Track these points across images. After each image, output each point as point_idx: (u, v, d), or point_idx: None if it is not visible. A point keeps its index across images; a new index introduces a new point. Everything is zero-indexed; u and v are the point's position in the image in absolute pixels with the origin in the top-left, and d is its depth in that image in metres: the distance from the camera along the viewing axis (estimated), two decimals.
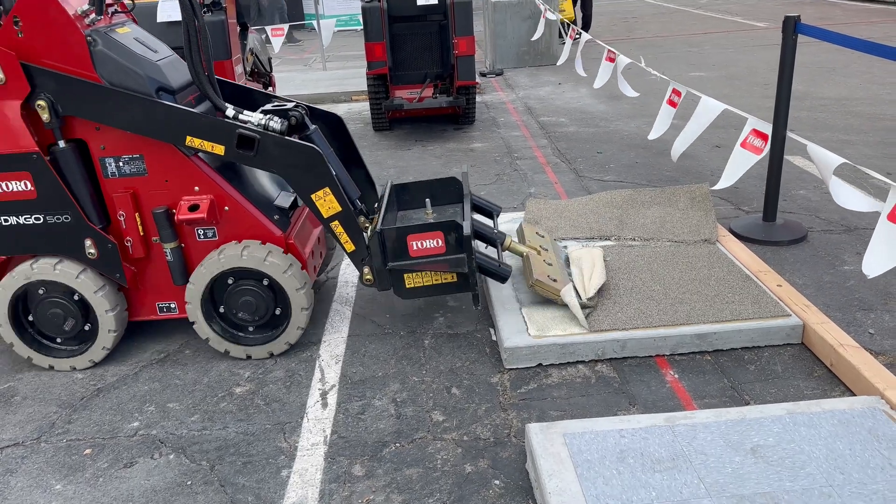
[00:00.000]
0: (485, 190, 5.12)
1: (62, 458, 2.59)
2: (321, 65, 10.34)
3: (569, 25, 8.58)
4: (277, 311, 3.08)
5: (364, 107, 8.12)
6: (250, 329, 3.14)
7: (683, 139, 4.60)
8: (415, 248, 2.94)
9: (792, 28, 3.68)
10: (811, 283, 3.48)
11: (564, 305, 3.07)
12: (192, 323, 3.09)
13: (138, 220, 2.99)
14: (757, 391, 2.71)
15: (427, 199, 3.38)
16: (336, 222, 2.96)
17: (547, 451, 2.26)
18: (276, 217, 3.12)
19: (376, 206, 3.33)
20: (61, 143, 2.87)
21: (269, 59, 6.72)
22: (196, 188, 2.97)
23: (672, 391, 2.75)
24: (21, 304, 3.08)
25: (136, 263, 3.09)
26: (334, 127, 3.47)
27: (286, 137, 2.88)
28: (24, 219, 2.93)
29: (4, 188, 2.89)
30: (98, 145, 2.92)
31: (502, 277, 3.09)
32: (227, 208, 3.00)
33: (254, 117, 2.95)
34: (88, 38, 2.78)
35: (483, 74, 9.33)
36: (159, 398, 2.90)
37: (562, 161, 5.64)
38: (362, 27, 6.31)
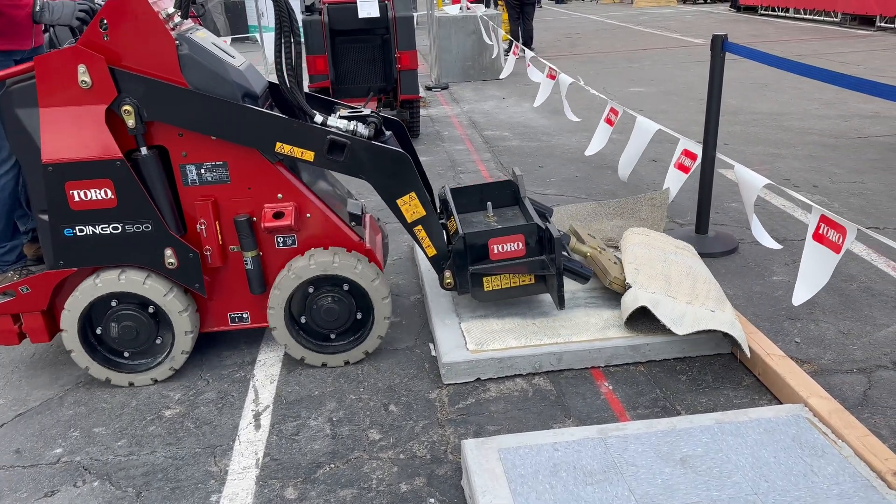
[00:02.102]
0: None
1: None
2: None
3: (511, 42, 8.70)
4: (359, 316, 3.07)
5: None
6: (332, 337, 3.10)
7: (628, 158, 4.70)
8: (496, 251, 3.04)
9: (720, 46, 3.81)
10: (741, 293, 3.59)
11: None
12: (273, 329, 3.02)
13: (218, 228, 2.92)
14: (688, 401, 2.77)
15: (488, 203, 3.42)
16: (419, 227, 3.02)
17: (482, 468, 2.25)
18: (353, 224, 3.11)
19: (439, 210, 3.45)
20: (144, 150, 2.77)
21: None
22: (279, 195, 2.91)
23: (606, 402, 2.78)
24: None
25: (213, 273, 3.01)
26: (398, 133, 3.45)
27: (375, 143, 2.90)
28: (103, 228, 2.81)
29: (82, 196, 2.76)
30: (179, 152, 2.83)
31: (585, 277, 3.17)
32: (308, 215, 2.96)
33: (341, 123, 2.95)
34: (177, 41, 2.71)
35: (428, 88, 9.37)
36: (84, 423, 2.79)
37: (504, 175, 5.69)
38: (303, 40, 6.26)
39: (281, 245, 3.01)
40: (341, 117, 3.03)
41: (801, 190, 4.95)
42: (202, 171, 2.87)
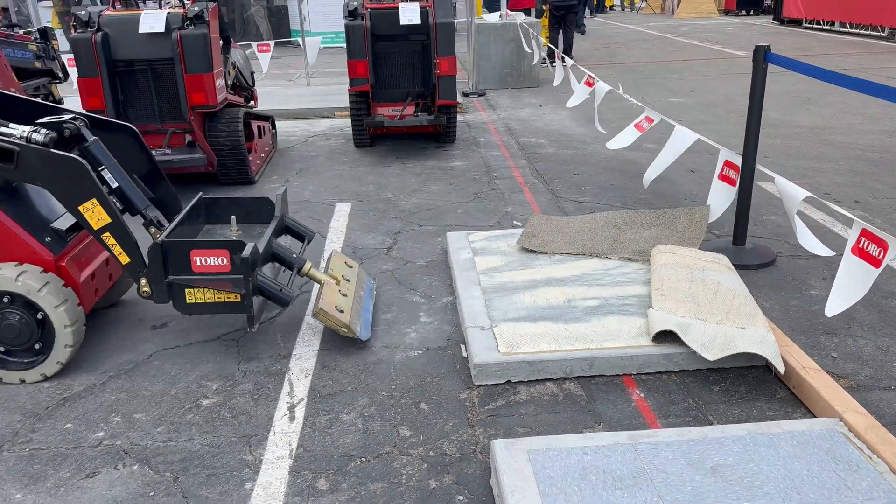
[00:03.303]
0: (462, 208, 5.16)
1: (24, 467, 2.56)
2: (305, 81, 10.38)
3: (553, 51, 8.72)
4: (37, 346, 3.02)
5: (346, 123, 8.15)
6: (23, 353, 3.06)
7: (656, 166, 4.68)
8: (198, 263, 2.97)
9: (762, 57, 3.78)
10: (778, 306, 3.55)
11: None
12: None
13: None
14: (720, 411, 2.75)
15: (233, 217, 3.39)
16: (107, 234, 2.95)
17: (511, 468, 2.27)
18: (47, 239, 3.11)
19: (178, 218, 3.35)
20: None
21: (252, 74, 6.75)
22: None
23: (637, 410, 2.78)
24: None
25: None
26: (130, 140, 3.45)
27: (49, 149, 2.87)
28: None
29: None
30: None
31: (283, 302, 3.14)
32: None
33: (17, 129, 2.93)
34: None
35: (466, 94, 9.42)
36: (126, 408, 2.88)
37: (539, 181, 5.70)
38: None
39: None
40: (34, 124, 3.01)
41: (842, 204, 4.87)
42: None
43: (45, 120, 3.07)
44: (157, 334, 3.47)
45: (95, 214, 2.90)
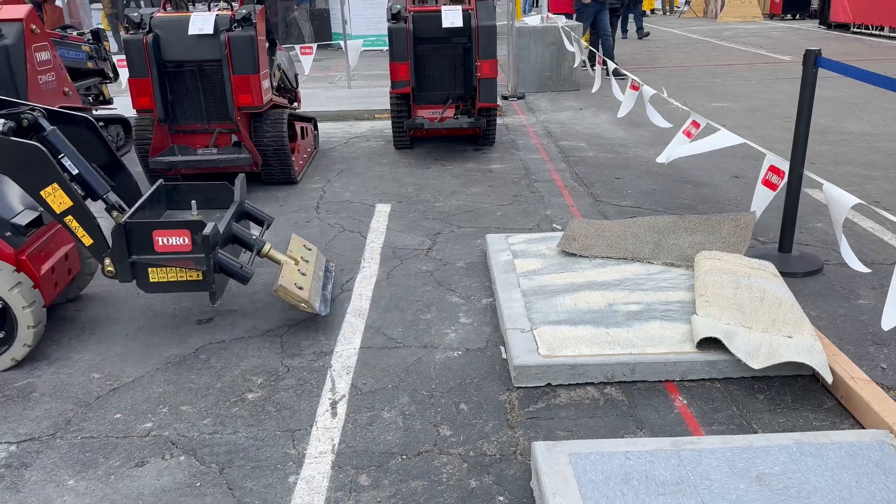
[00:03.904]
0: (501, 210, 5.16)
1: (76, 454, 2.64)
2: (346, 83, 10.49)
3: (594, 54, 8.67)
4: (2, 334, 3.13)
5: (386, 125, 8.22)
6: None
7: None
8: (160, 243, 3.09)
9: (812, 62, 3.71)
10: (825, 315, 3.48)
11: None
12: None
13: None
14: (765, 420, 2.71)
15: (193, 202, 3.46)
16: (69, 217, 3.05)
17: (552, 470, 2.27)
18: (7, 234, 3.21)
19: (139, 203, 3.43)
20: None
21: (296, 76, 6.85)
22: None
23: (680, 416, 2.75)
24: None
25: None
26: (88, 132, 3.49)
27: (7, 137, 2.97)
28: None
29: None
30: None
31: (244, 279, 3.26)
32: None
33: None
34: None
35: (505, 97, 9.42)
36: (173, 401, 2.96)
37: (579, 185, 5.68)
38: (386, 47, 6.43)
39: None
40: None
41: (893, 212, 4.74)
42: None
43: (2, 111, 3.18)
44: (203, 329, 3.55)
45: (57, 199, 3.01)
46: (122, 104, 7.34)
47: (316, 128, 7.04)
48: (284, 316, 3.65)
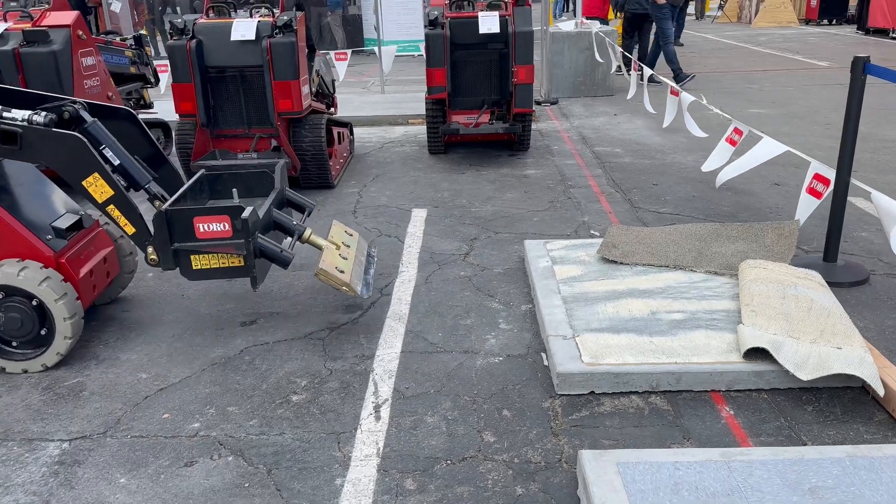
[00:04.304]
0: (537, 216, 5.15)
1: (126, 453, 2.69)
2: (379, 88, 10.56)
3: (630, 60, 8.62)
4: (43, 332, 3.18)
5: (420, 130, 8.26)
6: (14, 344, 3.23)
7: (733, 169, 4.56)
8: (201, 230, 3.10)
9: (861, 69, 3.65)
10: (873, 326, 3.41)
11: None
12: None
13: None
14: (815, 432, 2.67)
15: (234, 190, 3.51)
16: (112, 206, 3.10)
17: (600, 479, 2.26)
18: (48, 237, 3.26)
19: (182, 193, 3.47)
20: None
21: (333, 81, 6.92)
22: None
23: (727, 427, 2.72)
24: None
25: None
26: (131, 125, 3.56)
27: (48, 128, 3.01)
28: None
29: None
30: None
31: (284, 263, 3.27)
32: None
33: (19, 114, 3.07)
34: None
35: (538, 103, 9.40)
36: (219, 401, 3.00)
37: (616, 191, 5.64)
38: (419, 52, 6.45)
39: None
40: (38, 107, 3.14)
41: None
42: None
43: (47, 106, 3.26)
44: (247, 330, 3.59)
45: (99, 188, 3.06)
46: (162, 108, 7.48)
47: (352, 133, 7.10)
48: (326, 319, 3.69)
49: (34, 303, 3.14)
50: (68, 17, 5.59)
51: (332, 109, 6.83)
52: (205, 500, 2.43)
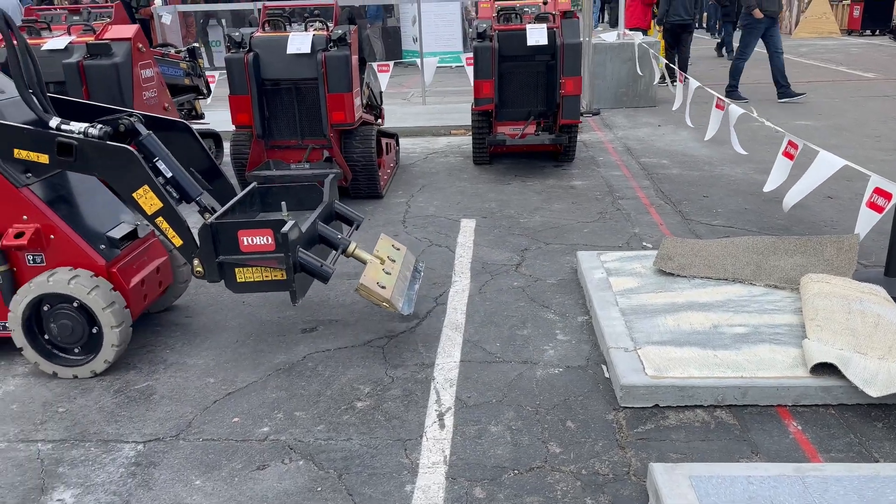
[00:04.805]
0: (587, 227, 5.16)
1: (199, 455, 2.76)
2: (420, 99, 10.66)
3: (674, 70, 8.58)
4: (94, 331, 3.24)
5: (463, 140, 8.33)
6: (76, 351, 3.30)
7: (798, 191, 4.52)
8: (245, 243, 3.12)
9: None
10: None
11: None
12: (21, 348, 3.29)
13: None
14: (886, 449, 2.63)
15: (283, 203, 3.52)
16: (160, 218, 3.13)
17: (673, 492, 2.26)
18: (101, 246, 3.31)
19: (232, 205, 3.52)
20: None
21: (380, 93, 7.01)
22: (24, 217, 3.22)
23: (796, 442, 2.69)
24: None
25: None
26: (188, 137, 3.63)
27: (100, 141, 3.07)
28: None
29: None
30: None
31: (324, 277, 3.25)
32: (52, 237, 3.23)
33: (76, 126, 3.14)
34: None
35: (580, 113, 9.40)
36: (286, 406, 3.06)
37: (666, 203, 5.62)
38: (457, 64, 6.50)
39: (31, 263, 3.28)
40: (95, 120, 3.19)
41: None
42: None
43: (103, 118, 3.34)
44: (308, 337, 3.66)
45: (148, 200, 3.10)
46: (212, 119, 7.65)
47: (397, 143, 7.18)
48: (384, 327, 3.74)
49: (84, 310, 3.21)
50: (129, 30, 5.76)
51: (380, 120, 6.92)
52: (279, 503, 2.48)
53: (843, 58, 15.08)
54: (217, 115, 7.91)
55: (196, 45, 8.24)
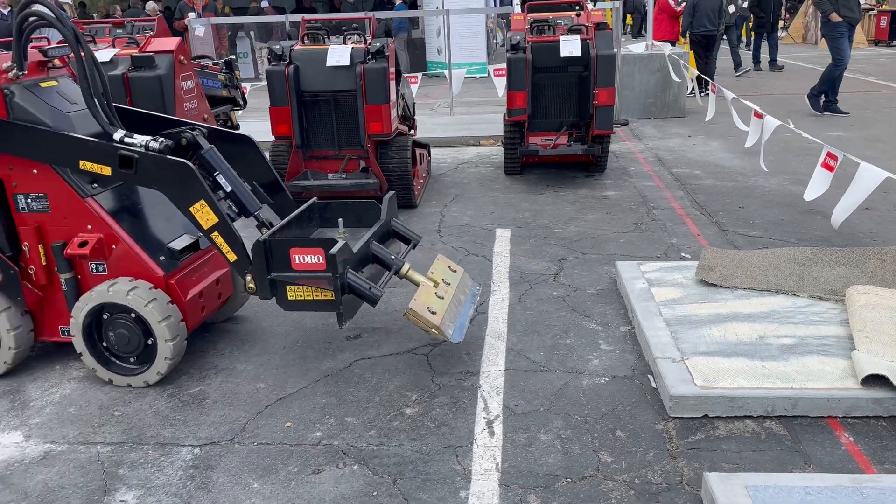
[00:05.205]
0: (623, 238, 5.18)
1: (255, 459, 2.82)
2: (448, 110, 10.74)
3: (707, 82, 8.57)
4: (149, 342, 3.29)
5: (492, 151, 8.38)
6: (131, 360, 3.36)
7: (846, 206, 4.51)
8: (297, 261, 3.09)
9: None
10: None
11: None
12: (81, 353, 3.36)
13: (41, 251, 3.36)
14: None
15: (339, 220, 3.50)
16: (216, 233, 3.14)
17: (730, 501, 2.28)
18: (161, 258, 3.36)
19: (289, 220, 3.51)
20: None
21: (413, 104, 7.10)
22: (89, 226, 3.29)
23: (848, 454, 2.69)
24: None
25: (44, 290, 3.45)
26: (251, 150, 3.66)
27: (159, 154, 3.11)
28: None
29: None
30: (11, 183, 3.34)
31: (372, 300, 3.17)
32: (114, 246, 3.29)
33: (139, 139, 3.18)
34: (5, 90, 3.22)
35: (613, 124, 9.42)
36: (337, 412, 3.11)
37: (702, 214, 5.62)
38: (482, 75, 6.54)
39: (94, 271, 3.36)
40: (159, 133, 3.25)
41: None
42: (29, 200, 3.33)
43: (167, 131, 3.40)
44: (353, 344, 3.72)
45: (204, 215, 3.12)
46: (245, 129, 7.77)
47: (429, 153, 7.25)
48: (427, 335, 3.77)
49: (140, 322, 3.26)
50: (171, 42, 5.90)
51: (413, 131, 7.00)
52: None
53: (872, 69, 14.97)
54: (249, 126, 8.03)
55: (233, 57, 8.40)
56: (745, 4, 14.56)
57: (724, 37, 11.85)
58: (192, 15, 10.75)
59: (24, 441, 3.02)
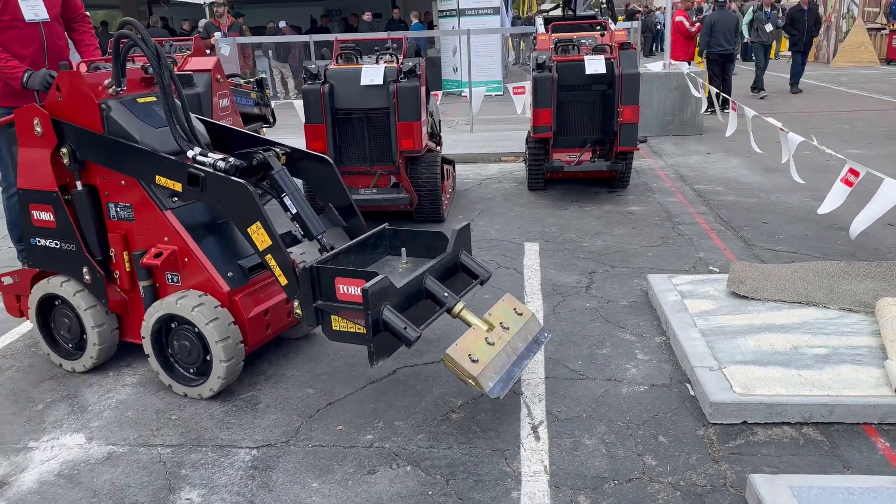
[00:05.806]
0: (651, 252, 5.29)
1: (311, 460, 2.94)
2: (468, 127, 10.92)
3: (725, 100, 8.71)
4: (207, 358, 3.36)
5: (514, 167, 8.53)
6: (191, 371, 3.47)
7: (865, 218, 4.62)
8: (342, 291, 2.99)
9: None
10: None
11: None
12: (148, 355, 3.49)
13: (126, 257, 3.54)
14: None
15: (403, 249, 3.45)
16: (269, 255, 3.16)
17: (776, 501, 2.37)
18: (230, 274, 3.43)
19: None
20: (78, 186, 3.53)
21: (440, 122, 7.26)
22: (166, 238, 3.44)
23: (886, 459, 2.78)
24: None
25: (128, 294, 3.63)
26: (331, 173, 3.69)
27: (220, 174, 3.20)
28: (49, 242, 3.66)
29: (38, 216, 3.65)
30: (105, 192, 3.55)
31: (407, 341, 2.94)
32: (186, 260, 3.42)
33: (210, 158, 3.28)
34: (102, 105, 3.40)
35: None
36: (385, 416, 3.23)
37: (726, 229, 5.73)
38: (498, 93, 6.68)
39: (170, 281, 3.50)
40: (235, 153, 3.37)
41: None
42: (118, 209, 3.54)
43: (244, 150, 3.51)
44: (395, 353, 3.80)
45: (260, 236, 3.15)
46: None
47: (454, 169, 7.40)
48: None
49: (201, 337, 3.31)
50: (209, 62, 6.09)
51: (439, 147, 7.15)
52: None
53: (886, 87, 15.08)
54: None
55: (263, 76, 8.60)
56: (781, 24, 14.72)
57: (753, 56, 11.94)
58: (217, 35, 11.01)
59: (86, 442, 3.15)
